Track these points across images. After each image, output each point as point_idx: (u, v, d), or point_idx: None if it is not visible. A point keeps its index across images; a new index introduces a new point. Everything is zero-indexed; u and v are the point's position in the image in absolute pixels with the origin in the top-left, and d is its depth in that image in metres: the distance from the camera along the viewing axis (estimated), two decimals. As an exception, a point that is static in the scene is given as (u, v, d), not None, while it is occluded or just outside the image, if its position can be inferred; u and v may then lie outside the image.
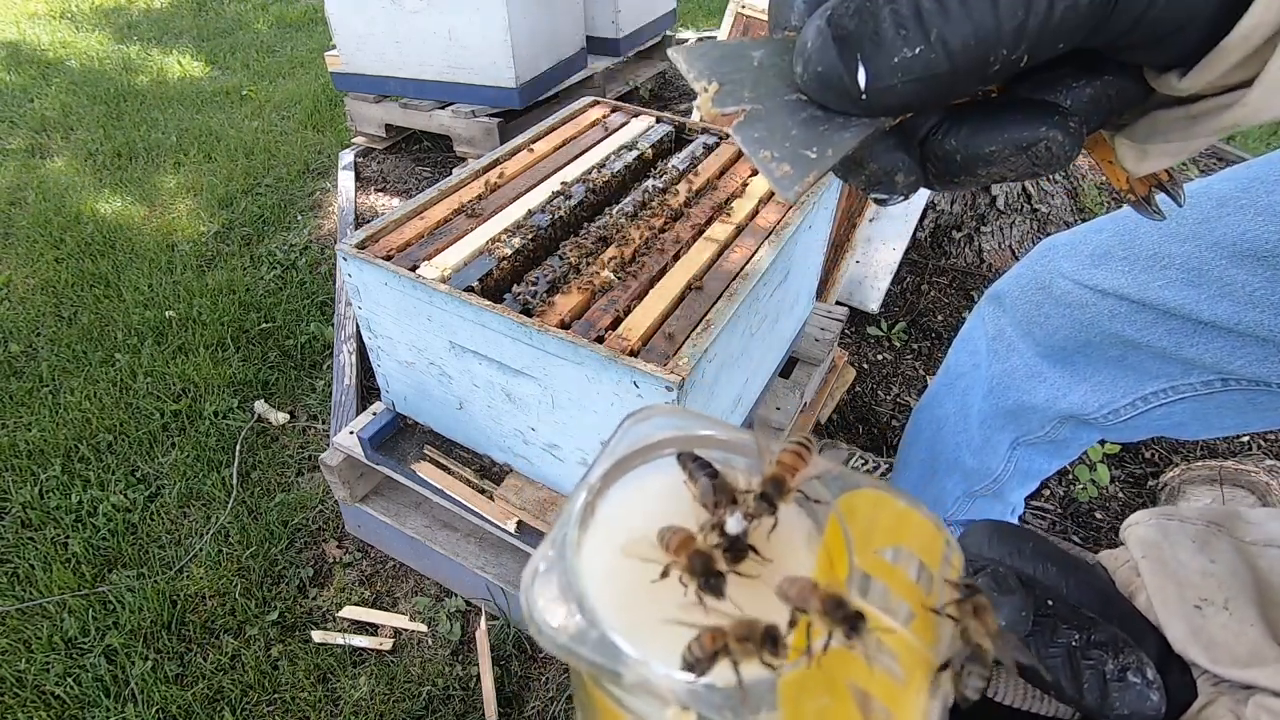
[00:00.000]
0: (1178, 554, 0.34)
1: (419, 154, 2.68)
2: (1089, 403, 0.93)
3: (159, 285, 2.05)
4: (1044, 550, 0.35)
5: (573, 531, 0.26)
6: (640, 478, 0.29)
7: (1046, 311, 0.93)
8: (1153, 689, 0.30)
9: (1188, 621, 0.32)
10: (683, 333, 0.92)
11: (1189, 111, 0.25)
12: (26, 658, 1.25)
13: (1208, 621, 0.31)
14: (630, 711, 0.25)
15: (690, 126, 1.40)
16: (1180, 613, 0.32)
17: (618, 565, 0.26)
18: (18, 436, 1.62)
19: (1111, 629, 0.32)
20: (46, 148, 2.72)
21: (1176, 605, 0.32)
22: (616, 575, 0.26)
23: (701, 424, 0.30)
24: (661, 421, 0.30)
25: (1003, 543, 0.35)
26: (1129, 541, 0.36)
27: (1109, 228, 0.86)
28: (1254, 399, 0.79)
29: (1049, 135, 0.25)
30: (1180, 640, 0.32)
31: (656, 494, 0.29)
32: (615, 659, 0.22)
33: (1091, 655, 0.30)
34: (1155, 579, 0.33)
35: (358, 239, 1.04)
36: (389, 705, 1.19)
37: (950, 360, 1.16)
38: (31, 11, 4.00)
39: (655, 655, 0.22)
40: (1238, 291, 0.73)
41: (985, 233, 2.09)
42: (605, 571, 0.26)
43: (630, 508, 0.28)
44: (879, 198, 0.28)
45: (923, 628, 0.25)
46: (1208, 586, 0.32)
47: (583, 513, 0.27)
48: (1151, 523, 0.35)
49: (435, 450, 1.21)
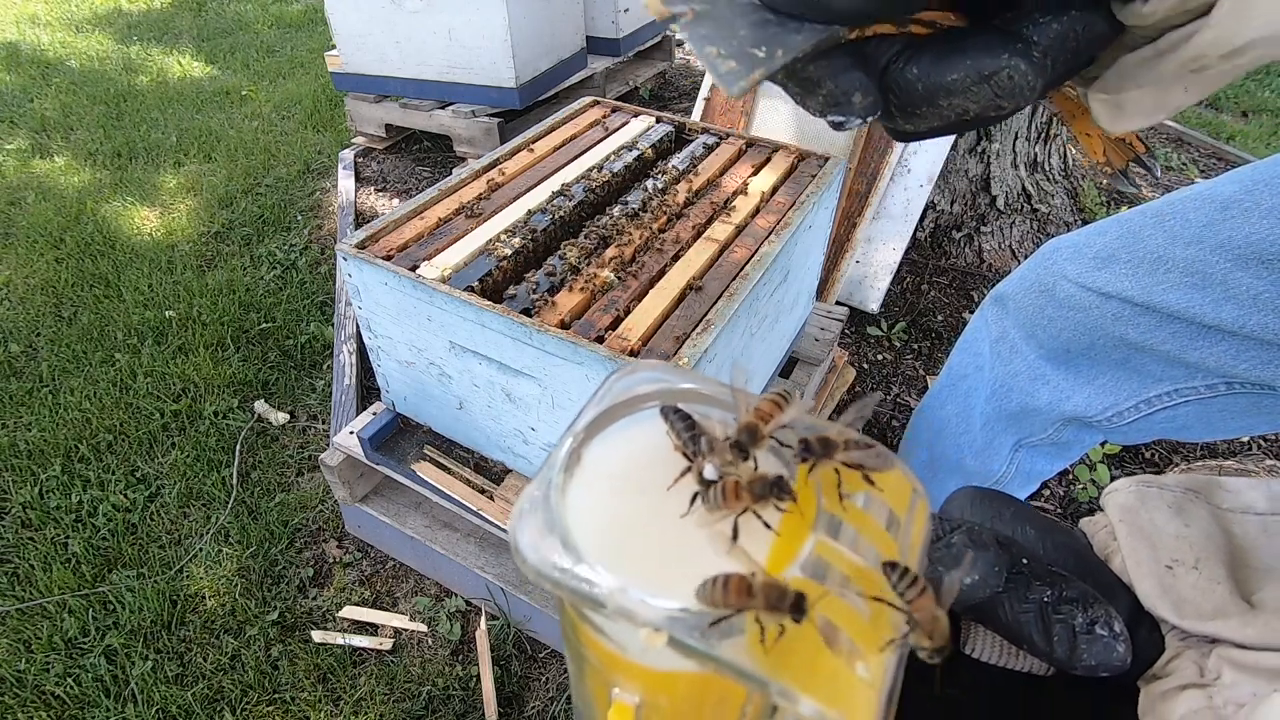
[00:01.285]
0: (1154, 518, 0.35)
1: (419, 154, 2.68)
2: (1092, 405, 0.92)
3: (159, 285, 2.05)
4: (1023, 514, 0.36)
5: (558, 475, 0.28)
6: (625, 428, 0.31)
7: (1050, 314, 0.93)
8: (1119, 641, 0.31)
9: (1158, 580, 0.32)
10: (683, 333, 0.92)
11: (1156, 48, 0.25)
12: (26, 658, 1.25)
13: (1178, 580, 0.32)
14: (609, 638, 0.27)
15: (690, 126, 1.40)
16: (1152, 572, 0.33)
17: (601, 505, 0.28)
18: (18, 436, 1.62)
19: (1082, 585, 0.32)
20: (46, 148, 2.72)
21: (1149, 565, 0.33)
22: (600, 514, 0.28)
23: (684, 379, 0.32)
24: (646, 375, 0.31)
25: (983, 506, 0.36)
26: (1107, 507, 0.37)
27: (1113, 230, 0.85)
28: (1259, 402, 0.79)
29: (1011, 64, 0.24)
30: (1150, 597, 0.33)
31: (640, 443, 0.30)
32: (594, 588, 0.24)
33: (1062, 610, 0.31)
34: (1130, 541, 0.34)
35: (358, 239, 1.04)
36: (389, 705, 1.19)
37: (952, 362, 1.16)
38: (31, 12, 4.00)
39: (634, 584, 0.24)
40: (1242, 295, 0.73)
41: (985, 233, 2.09)
42: (589, 511, 0.27)
43: (615, 454, 0.30)
44: (836, 120, 0.28)
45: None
46: (1180, 548, 0.33)
47: (568, 458, 0.28)
48: (1131, 489, 0.36)
49: (435, 450, 1.21)
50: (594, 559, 0.25)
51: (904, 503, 0.28)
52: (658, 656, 0.26)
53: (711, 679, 0.24)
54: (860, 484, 0.28)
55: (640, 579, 0.24)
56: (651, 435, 0.30)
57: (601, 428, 0.30)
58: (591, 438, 0.30)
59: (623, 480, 0.29)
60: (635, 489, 0.29)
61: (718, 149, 1.33)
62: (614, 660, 0.28)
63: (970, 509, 0.37)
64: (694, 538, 0.27)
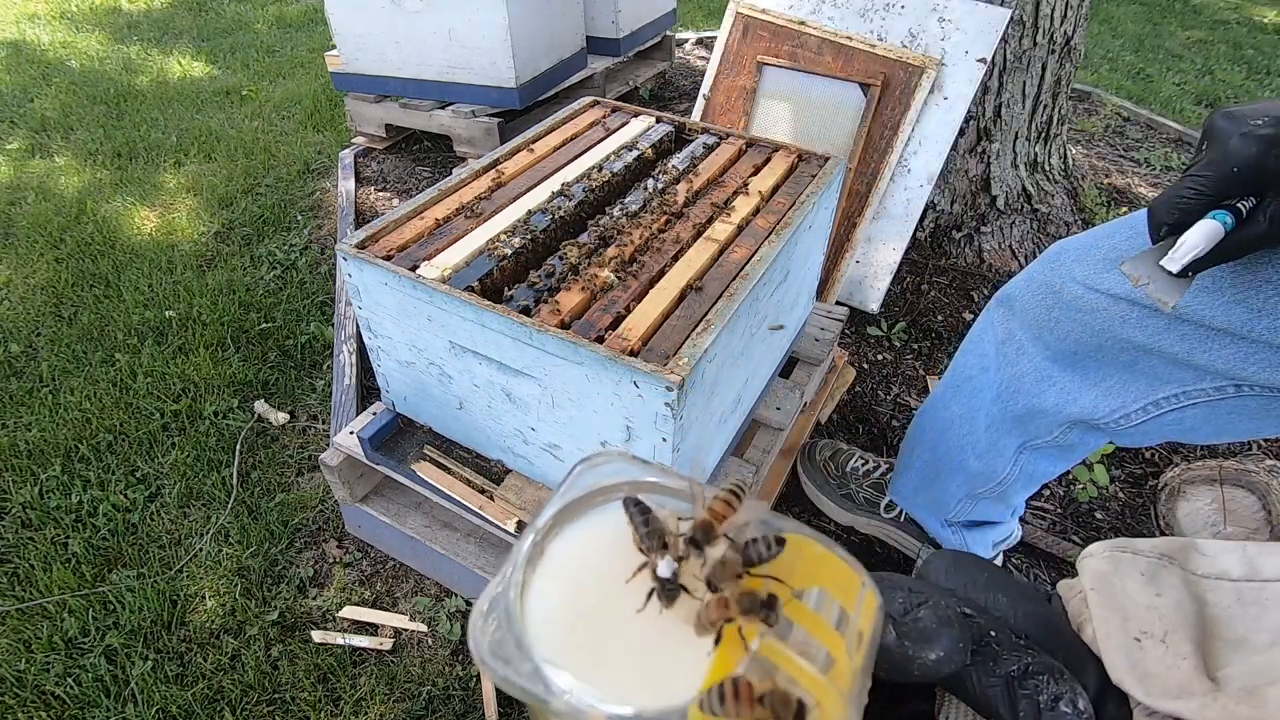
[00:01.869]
0: (1126, 586, 0.35)
1: (419, 154, 2.68)
2: (1099, 407, 0.92)
3: (159, 285, 2.05)
4: (997, 581, 0.36)
5: (518, 573, 0.28)
6: (590, 521, 0.32)
7: (1057, 315, 0.93)
8: (1082, 718, 0.31)
9: (1126, 654, 0.32)
10: (683, 333, 0.92)
11: None
12: (26, 658, 1.25)
13: (1145, 654, 0.32)
14: None
15: (690, 126, 1.40)
16: (1120, 645, 0.33)
17: (561, 601, 0.29)
18: (18, 436, 1.62)
19: (1049, 659, 0.33)
20: (46, 148, 2.72)
21: (1118, 637, 0.33)
22: (559, 611, 0.28)
23: (648, 472, 0.33)
24: (611, 469, 0.32)
25: (959, 573, 0.37)
26: (1082, 572, 0.37)
27: (1121, 232, 0.85)
28: (1268, 405, 0.79)
29: None
30: (1117, 670, 0.33)
31: (603, 536, 0.31)
32: (546, 689, 0.25)
33: (1028, 685, 0.31)
34: (1101, 610, 0.34)
35: (358, 239, 1.04)
36: (389, 705, 1.19)
37: (957, 363, 1.16)
38: (31, 12, 4.00)
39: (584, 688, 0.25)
40: (1251, 298, 0.73)
41: (985, 233, 2.09)
42: (549, 609, 0.28)
43: (577, 548, 0.31)
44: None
45: (838, 674, 0.26)
46: (1150, 619, 0.33)
47: (530, 553, 0.29)
48: (1105, 554, 0.36)
49: (435, 450, 1.21)
50: (550, 658, 0.26)
51: (853, 596, 0.28)
52: None
53: None
54: (812, 581, 0.29)
55: (594, 679, 0.25)
56: (615, 527, 0.31)
57: (567, 520, 0.31)
58: (557, 530, 0.31)
59: (583, 574, 0.30)
60: (596, 584, 0.29)
61: (718, 149, 1.33)
62: None
63: (946, 575, 0.37)
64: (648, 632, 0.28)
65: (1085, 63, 3.50)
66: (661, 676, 0.26)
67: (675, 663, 0.27)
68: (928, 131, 1.70)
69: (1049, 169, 2.14)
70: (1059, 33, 1.86)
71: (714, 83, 1.92)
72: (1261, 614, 0.32)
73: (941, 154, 1.70)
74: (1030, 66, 1.89)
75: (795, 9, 1.79)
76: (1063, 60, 1.93)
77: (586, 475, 0.32)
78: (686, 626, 0.28)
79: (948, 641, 0.31)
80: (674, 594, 0.28)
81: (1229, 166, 0.60)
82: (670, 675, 0.27)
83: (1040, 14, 1.80)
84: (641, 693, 0.25)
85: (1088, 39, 3.56)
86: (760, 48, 1.83)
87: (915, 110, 1.68)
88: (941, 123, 1.69)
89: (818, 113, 1.80)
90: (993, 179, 2.03)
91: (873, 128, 1.74)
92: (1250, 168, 0.59)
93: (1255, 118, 0.60)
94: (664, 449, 0.91)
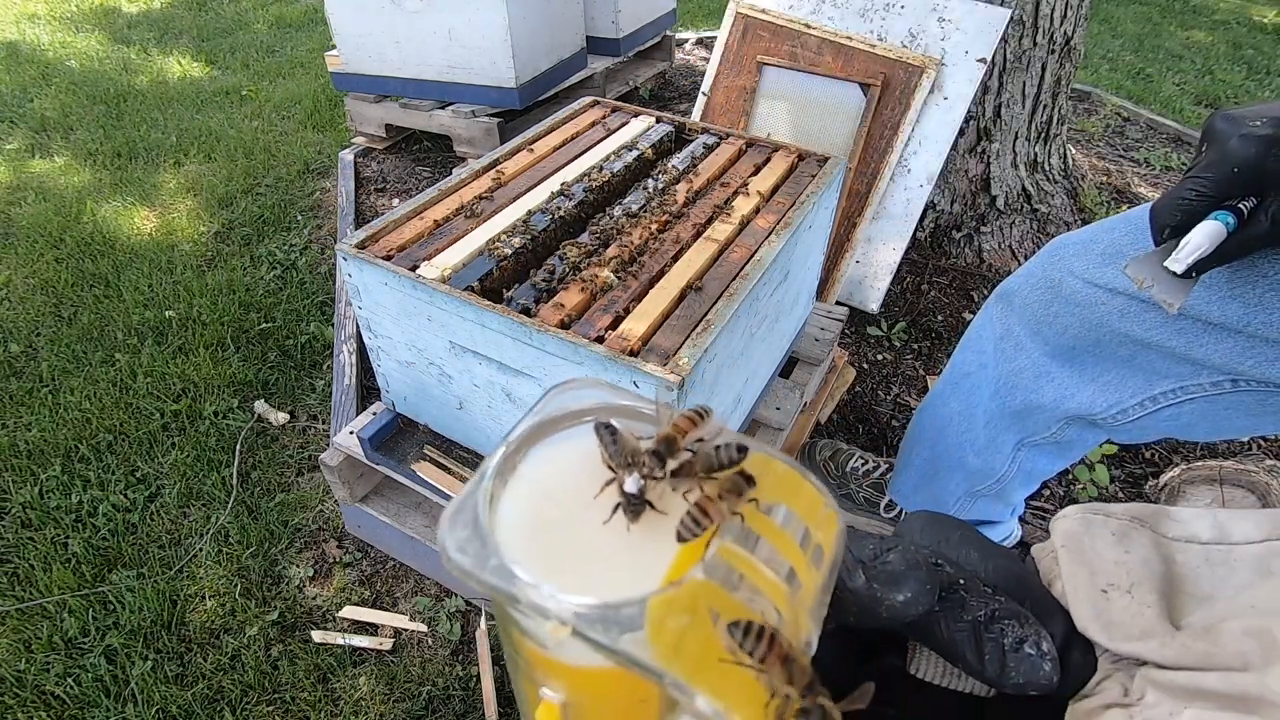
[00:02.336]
0: (1095, 544, 0.36)
1: (419, 154, 2.68)
2: (1097, 403, 0.92)
3: (159, 285, 2.05)
4: (969, 538, 0.38)
5: (488, 481, 0.30)
6: (561, 440, 0.33)
7: (1056, 310, 0.93)
8: (1046, 659, 0.32)
9: (1093, 605, 0.33)
10: (683, 333, 0.92)
11: None
12: (26, 658, 1.25)
13: (1111, 604, 0.33)
14: (531, 637, 0.29)
15: (690, 126, 1.40)
16: (1088, 597, 0.34)
17: (529, 511, 0.30)
18: (18, 436, 1.62)
19: (1015, 605, 0.34)
20: (46, 148, 2.72)
21: (1085, 590, 0.34)
22: (526, 519, 0.30)
23: (620, 396, 0.34)
24: (584, 393, 0.34)
25: (934, 531, 0.38)
26: (1054, 533, 0.38)
27: (1120, 227, 0.85)
28: (1265, 400, 0.79)
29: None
30: (1083, 620, 0.33)
31: (573, 455, 0.32)
32: (510, 583, 0.26)
33: (993, 629, 0.32)
34: (1070, 566, 0.35)
35: (358, 239, 1.04)
36: (389, 705, 1.19)
37: (956, 359, 1.16)
38: (31, 12, 4.00)
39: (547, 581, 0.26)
40: (1248, 293, 0.73)
41: (985, 233, 2.09)
42: (517, 516, 0.30)
43: (547, 465, 0.32)
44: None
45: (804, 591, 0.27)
46: (1118, 574, 0.34)
47: (501, 464, 0.30)
48: (1077, 516, 0.37)
49: (435, 450, 1.21)
50: (514, 559, 0.27)
51: (817, 516, 0.29)
52: (571, 652, 0.28)
53: (629, 677, 0.26)
54: (777, 498, 0.29)
55: (557, 578, 0.26)
56: (585, 448, 0.32)
57: (538, 439, 0.33)
58: (528, 448, 0.32)
59: (552, 489, 0.31)
60: (564, 498, 0.31)
61: (718, 149, 1.33)
62: (538, 658, 0.30)
63: (920, 532, 0.38)
64: (613, 543, 0.29)
65: (1085, 63, 3.50)
66: (623, 576, 0.28)
67: (637, 564, 0.28)
68: (928, 131, 1.70)
69: (1049, 169, 2.14)
70: (1059, 33, 1.86)
71: (714, 83, 1.92)
72: (1229, 574, 0.33)
73: (941, 154, 1.70)
74: (1030, 66, 1.89)
75: (795, 9, 1.79)
76: (1063, 60, 1.93)
77: (559, 398, 0.33)
78: (650, 539, 0.29)
79: (915, 584, 0.31)
80: (639, 509, 0.29)
81: (1229, 167, 0.60)
82: (632, 575, 0.28)
83: (1040, 14, 1.80)
84: (603, 588, 0.26)
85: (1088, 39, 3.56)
86: (760, 48, 1.83)
87: (915, 110, 1.68)
88: (941, 123, 1.69)
89: (818, 113, 1.80)
90: (993, 179, 2.03)
91: (873, 128, 1.74)
92: (1250, 168, 0.60)
93: (1254, 119, 0.60)
94: (664, 449, 0.91)
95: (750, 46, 1.85)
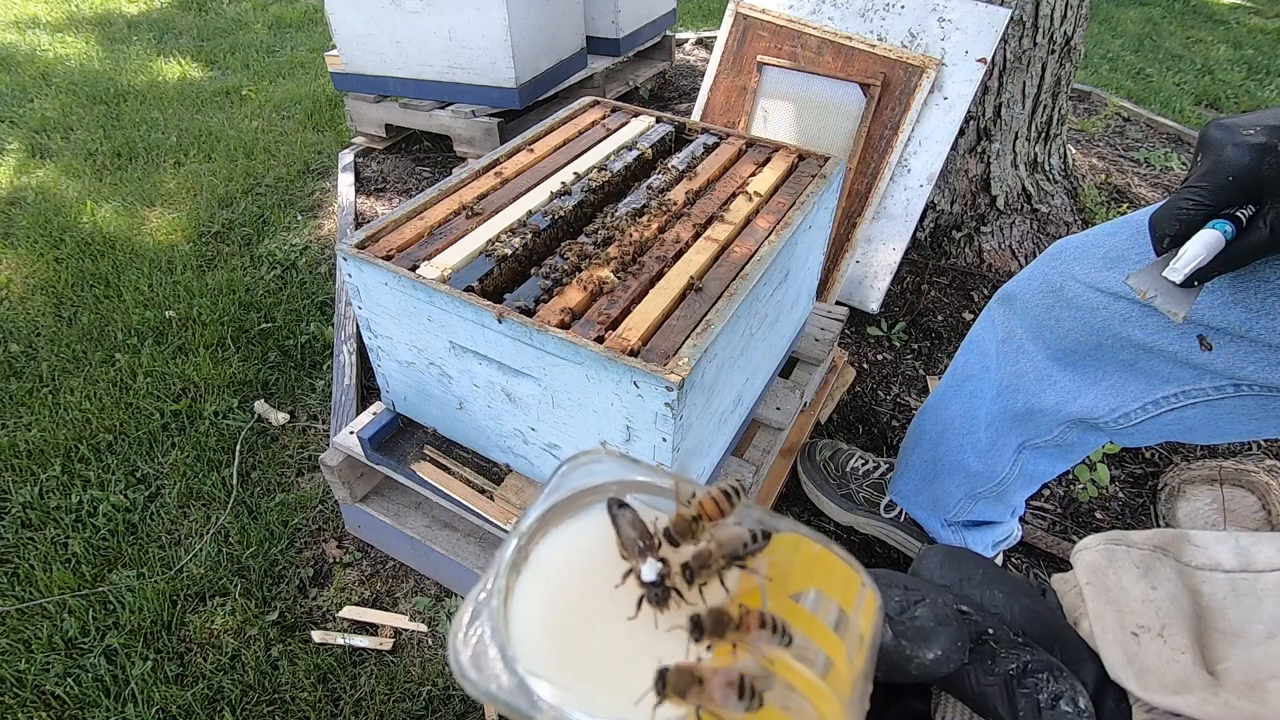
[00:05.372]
0: (1121, 580, 0.34)
1: (419, 154, 2.68)
2: (1099, 406, 0.92)
3: (159, 285, 2.05)
4: (992, 576, 0.36)
5: (502, 580, 0.27)
6: (575, 523, 0.30)
7: (1058, 314, 0.93)
8: (1083, 717, 0.31)
9: (1123, 648, 0.32)
10: (683, 333, 0.92)
11: None
12: (26, 658, 1.25)
13: (1142, 649, 0.32)
14: None
15: (690, 126, 1.40)
16: (1117, 639, 0.33)
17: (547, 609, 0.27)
18: (18, 436, 1.62)
19: (1048, 657, 0.32)
20: (46, 148, 2.72)
21: (1115, 632, 0.33)
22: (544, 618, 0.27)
23: (636, 470, 0.31)
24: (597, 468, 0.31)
25: (954, 569, 0.37)
26: (1076, 566, 0.37)
27: (1123, 231, 0.85)
28: (1267, 405, 0.79)
29: None
30: (1115, 666, 0.32)
31: (588, 540, 0.30)
32: (531, 704, 0.24)
33: (1027, 684, 0.31)
34: (1096, 605, 0.34)
35: (358, 239, 1.04)
36: (389, 705, 1.19)
37: (958, 362, 1.16)
38: (31, 13, 4.00)
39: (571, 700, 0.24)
40: (1249, 299, 0.73)
41: (985, 233, 2.09)
42: (535, 616, 0.27)
43: (562, 553, 0.29)
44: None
45: (838, 679, 0.25)
46: (1146, 613, 0.33)
47: (514, 558, 0.28)
48: (1099, 548, 0.36)
49: (435, 450, 1.21)
50: (535, 669, 0.25)
51: (852, 596, 0.27)
52: None
53: None
54: (809, 582, 0.27)
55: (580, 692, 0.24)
56: (600, 530, 0.29)
57: (553, 522, 0.30)
58: (542, 534, 0.30)
59: (569, 580, 0.28)
60: (582, 589, 0.28)
61: (718, 149, 1.33)
62: None
63: (940, 571, 0.37)
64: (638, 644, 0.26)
65: (1085, 63, 3.50)
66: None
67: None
68: (928, 131, 1.70)
69: (1049, 169, 2.14)
70: (1059, 33, 1.86)
71: (714, 83, 1.92)
72: (1257, 605, 0.32)
73: (941, 154, 1.70)
74: (1030, 66, 1.89)
75: (795, 9, 1.79)
76: (1063, 60, 1.93)
77: (573, 475, 0.31)
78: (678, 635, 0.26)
79: (946, 640, 0.30)
80: (664, 596, 0.26)
81: (1224, 176, 0.60)
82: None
83: (1040, 14, 1.80)
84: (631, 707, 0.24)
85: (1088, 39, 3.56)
86: (760, 48, 1.83)
87: (915, 110, 1.68)
88: (941, 123, 1.69)
89: (818, 113, 1.80)
90: (993, 179, 2.03)
91: (873, 128, 1.74)
92: (1246, 176, 0.60)
93: (1248, 128, 0.60)
94: (664, 449, 0.91)
95: (750, 46, 1.85)
